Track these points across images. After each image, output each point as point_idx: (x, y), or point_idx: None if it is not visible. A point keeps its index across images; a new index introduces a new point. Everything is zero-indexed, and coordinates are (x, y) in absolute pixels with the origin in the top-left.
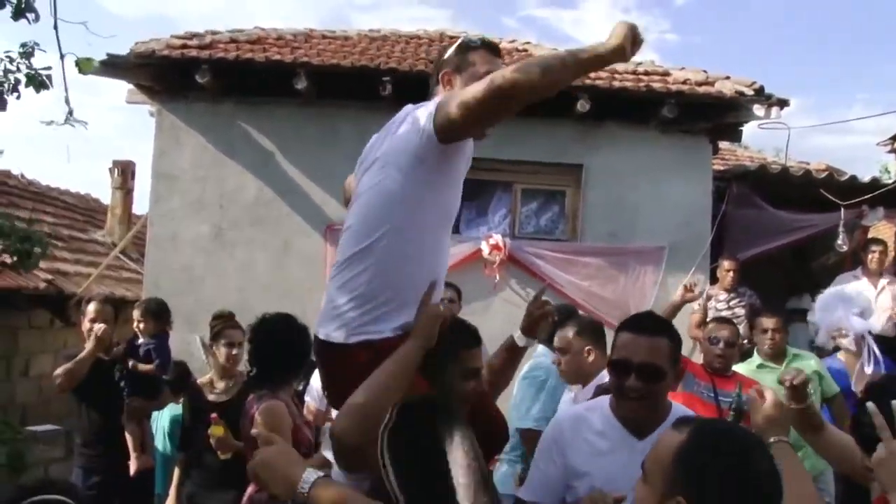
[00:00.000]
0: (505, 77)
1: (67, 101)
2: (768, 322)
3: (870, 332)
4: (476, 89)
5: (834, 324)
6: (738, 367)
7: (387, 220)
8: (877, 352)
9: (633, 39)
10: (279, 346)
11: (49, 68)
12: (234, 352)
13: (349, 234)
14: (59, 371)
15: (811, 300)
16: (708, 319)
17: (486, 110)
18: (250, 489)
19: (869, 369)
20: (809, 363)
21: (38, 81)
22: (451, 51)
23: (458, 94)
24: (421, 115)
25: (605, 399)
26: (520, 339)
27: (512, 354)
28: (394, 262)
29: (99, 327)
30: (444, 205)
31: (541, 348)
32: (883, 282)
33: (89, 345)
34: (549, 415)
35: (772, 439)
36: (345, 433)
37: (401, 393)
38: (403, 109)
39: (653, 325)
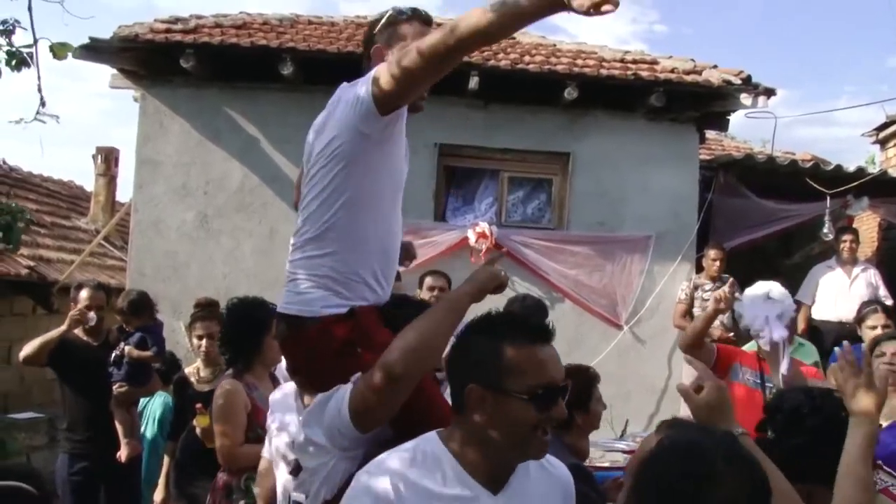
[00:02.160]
0: (433, 41)
1: (40, 90)
2: None
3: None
4: (409, 57)
5: (756, 323)
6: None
7: (342, 198)
8: (787, 357)
9: None
10: (242, 329)
11: (30, 46)
12: (205, 343)
13: (308, 214)
14: (27, 345)
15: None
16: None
17: (419, 77)
18: (221, 475)
19: (784, 372)
20: (810, 353)
21: (19, 59)
22: (381, 24)
23: (393, 63)
24: (359, 90)
25: (429, 440)
26: None
27: None
28: (353, 240)
29: (76, 311)
30: (394, 174)
31: None
32: (857, 270)
33: (64, 325)
34: None
35: (738, 432)
36: (394, 365)
37: (450, 336)
38: (339, 88)
39: (549, 328)
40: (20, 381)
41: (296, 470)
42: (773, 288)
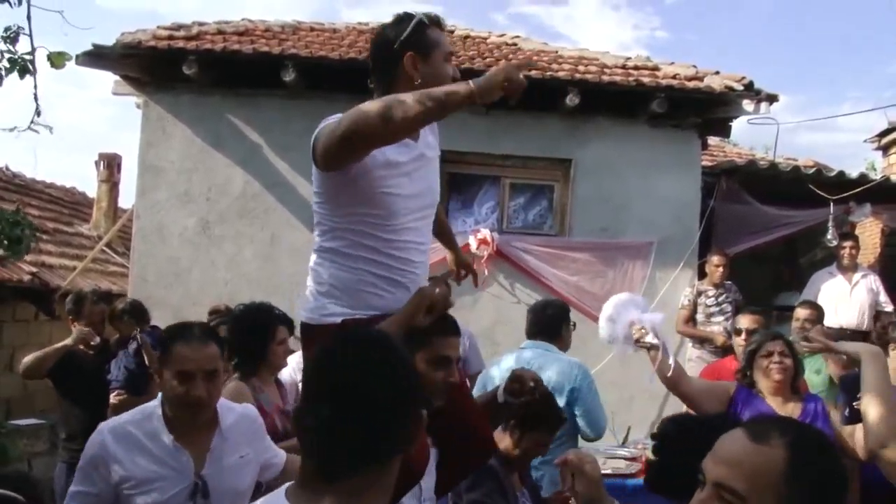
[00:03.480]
0: (366, 117)
1: (36, 98)
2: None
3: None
4: (337, 128)
5: (629, 324)
6: None
7: (326, 225)
8: (667, 343)
9: (508, 79)
10: (249, 335)
11: (31, 53)
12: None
13: (316, 224)
14: (28, 357)
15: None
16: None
17: (345, 150)
18: None
19: (671, 360)
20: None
21: (22, 67)
22: (407, 31)
23: (330, 127)
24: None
25: None
26: (500, 396)
27: (496, 409)
28: (351, 255)
29: (83, 330)
30: (377, 208)
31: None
32: (857, 276)
33: (68, 339)
34: None
35: None
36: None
37: None
38: None
39: None
40: (23, 387)
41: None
42: (629, 295)
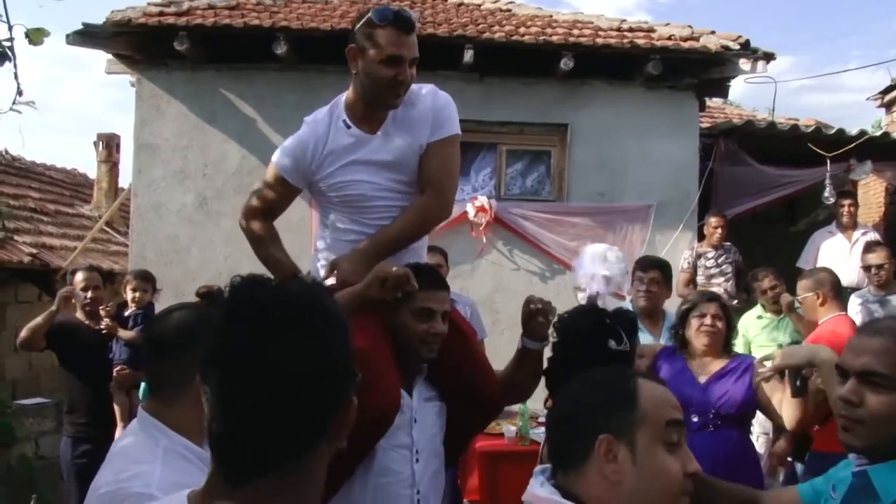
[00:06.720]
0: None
1: (16, 77)
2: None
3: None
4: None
5: (583, 279)
6: None
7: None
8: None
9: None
10: None
11: (10, 39)
12: None
13: None
14: (24, 329)
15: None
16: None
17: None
18: None
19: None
20: None
21: (0, 53)
22: (359, 24)
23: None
24: None
25: None
26: (523, 341)
27: (519, 356)
28: None
29: (65, 289)
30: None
31: None
32: (857, 234)
33: (53, 305)
34: None
35: None
36: None
37: None
38: None
39: None
40: (28, 367)
41: None
42: (611, 252)
